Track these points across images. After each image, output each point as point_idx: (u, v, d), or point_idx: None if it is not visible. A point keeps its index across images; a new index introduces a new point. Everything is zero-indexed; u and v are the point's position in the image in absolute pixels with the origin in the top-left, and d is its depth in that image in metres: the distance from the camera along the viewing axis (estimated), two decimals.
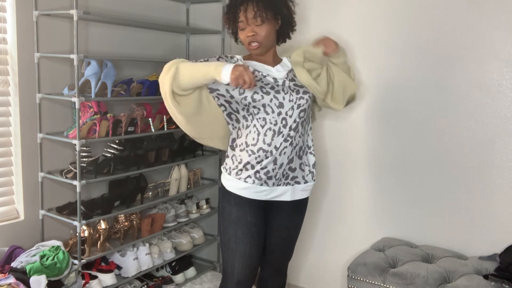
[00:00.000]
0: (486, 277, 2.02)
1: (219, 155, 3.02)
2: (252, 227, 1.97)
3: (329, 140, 2.70)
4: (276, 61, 2.05)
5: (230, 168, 2.01)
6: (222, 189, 2.04)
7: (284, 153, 1.94)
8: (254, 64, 1.99)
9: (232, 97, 1.91)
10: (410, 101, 2.42)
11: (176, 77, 1.81)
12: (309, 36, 2.66)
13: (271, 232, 2.08)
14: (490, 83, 2.23)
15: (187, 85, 1.83)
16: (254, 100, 1.89)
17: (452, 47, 2.29)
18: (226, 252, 2.02)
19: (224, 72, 1.77)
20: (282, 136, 1.92)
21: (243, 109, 1.94)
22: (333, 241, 2.75)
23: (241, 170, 1.96)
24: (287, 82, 1.96)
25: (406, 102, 2.43)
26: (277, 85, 1.93)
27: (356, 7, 2.52)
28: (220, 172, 3.02)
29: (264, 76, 1.95)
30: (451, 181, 2.35)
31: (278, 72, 1.99)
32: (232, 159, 2.01)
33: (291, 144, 1.95)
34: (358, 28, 2.53)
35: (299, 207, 2.09)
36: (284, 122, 1.92)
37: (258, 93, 1.90)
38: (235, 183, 1.98)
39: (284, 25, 2.01)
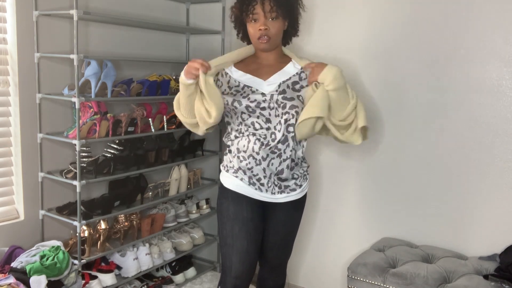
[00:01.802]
0: (486, 277, 2.02)
1: (219, 155, 3.02)
2: (249, 223, 1.99)
3: (328, 139, 2.69)
4: (281, 60, 2.05)
5: (227, 166, 2.06)
6: (220, 185, 2.08)
7: (272, 164, 1.97)
8: (245, 80, 1.99)
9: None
10: (409, 101, 2.42)
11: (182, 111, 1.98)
12: (308, 38, 2.66)
13: (269, 228, 2.09)
14: (490, 83, 2.23)
15: (187, 110, 1.97)
16: (243, 120, 1.96)
17: (452, 47, 2.29)
18: (224, 247, 2.04)
19: (183, 77, 1.90)
20: (270, 148, 1.95)
21: (239, 129, 2.00)
22: (333, 241, 2.75)
23: (236, 171, 2.01)
24: (275, 96, 1.94)
25: (406, 102, 2.43)
26: (264, 101, 1.94)
27: (356, 8, 2.52)
28: (220, 173, 3.04)
29: (253, 92, 1.96)
30: (451, 181, 2.35)
31: (268, 86, 1.97)
32: (229, 158, 2.04)
33: (279, 156, 1.97)
34: (358, 29, 2.52)
35: (297, 204, 2.10)
36: (273, 136, 1.95)
37: (245, 113, 1.94)
38: (233, 180, 2.02)
39: (288, 28, 2.02)
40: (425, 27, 2.35)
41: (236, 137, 2.00)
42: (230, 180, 2.03)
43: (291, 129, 1.95)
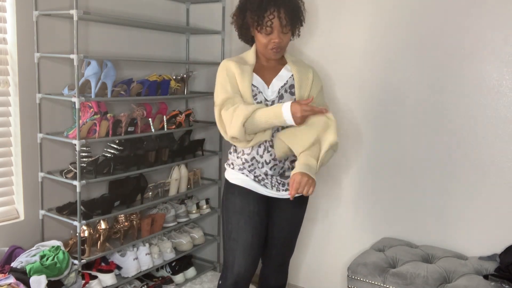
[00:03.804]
0: (486, 277, 2.02)
1: (219, 155, 3.02)
2: (255, 216, 2.00)
3: None
4: (279, 62, 2.07)
5: (233, 163, 2.08)
6: (226, 182, 2.10)
7: (275, 169, 2.00)
8: (254, 81, 2.00)
9: None
10: (410, 101, 2.42)
11: (247, 131, 1.88)
12: (309, 39, 2.66)
13: (273, 225, 2.11)
14: (490, 83, 2.23)
15: (255, 130, 1.91)
16: None
17: (452, 47, 2.29)
18: (228, 242, 2.04)
19: (287, 118, 1.83)
20: (271, 155, 1.98)
21: None
22: (333, 241, 2.75)
23: (241, 169, 2.04)
24: (275, 102, 1.98)
25: (406, 102, 2.43)
26: (266, 106, 1.95)
27: (357, 10, 2.52)
28: (220, 172, 3.04)
29: (259, 92, 1.98)
30: (451, 181, 2.35)
31: (271, 92, 2.00)
32: (234, 157, 2.07)
33: (281, 161, 2.00)
34: (359, 30, 2.53)
35: (300, 201, 2.12)
36: (271, 142, 1.97)
37: None
38: (238, 175, 2.05)
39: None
40: (426, 27, 2.35)
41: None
42: (236, 176, 2.05)
43: None
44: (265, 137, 1.94)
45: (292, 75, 2.03)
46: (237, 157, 2.05)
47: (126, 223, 2.51)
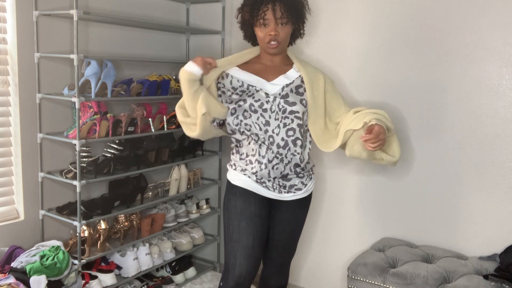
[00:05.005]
0: (486, 277, 2.02)
1: (219, 155, 3.02)
2: (256, 218, 2.00)
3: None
4: (285, 63, 2.07)
5: (235, 164, 2.08)
6: (228, 183, 2.09)
7: (277, 168, 1.99)
8: (249, 80, 2.01)
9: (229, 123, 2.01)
10: (409, 101, 2.42)
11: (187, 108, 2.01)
12: (310, 39, 2.66)
13: (274, 226, 2.10)
14: (490, 83, 2.23)
15: (191, 108, 1.99)
16: (244, 118, 1.96)
17: (452, 47, 2.29)
18: (229, 243, 2.04)
19: (190, 69, 1.93)
20: (272, 153, 1.97)
21: (237, 129, 2.00)
22: (333, 241, 2.75)
23: (243, 170, 2.03)
24: (277, 99, 1.97)
25: (406, 102, 2.43)
26: (267, 102, 1.96)
27: (356, 8, 2.52)
28: (220, 172, 3.04)
29: (257, 91, 1.98)
30: (451, 181, 2.35)
31: (272, 87, 2.00)
32: (237, 158, 2.07)
33: (281, 160, 1.98)
34: (358, 29, 2.53)
35: (302, 202, 2.12)
36: (271, 139, 1.97)
37: (247, 111, 1.96)
38: (240, 177, 2.04)
39: (295, 31, 2.05)
40: (426, 27, 2.35)
41: (245, 139, 2.02)
42: (238, 177, 2.05)
43: (291, 133, 1.97)
44: (201, 110, 1.95)
45: (300, 75, 2.03)
46: (240, 159, 2.05)
47: (126, 223, 2.51)
